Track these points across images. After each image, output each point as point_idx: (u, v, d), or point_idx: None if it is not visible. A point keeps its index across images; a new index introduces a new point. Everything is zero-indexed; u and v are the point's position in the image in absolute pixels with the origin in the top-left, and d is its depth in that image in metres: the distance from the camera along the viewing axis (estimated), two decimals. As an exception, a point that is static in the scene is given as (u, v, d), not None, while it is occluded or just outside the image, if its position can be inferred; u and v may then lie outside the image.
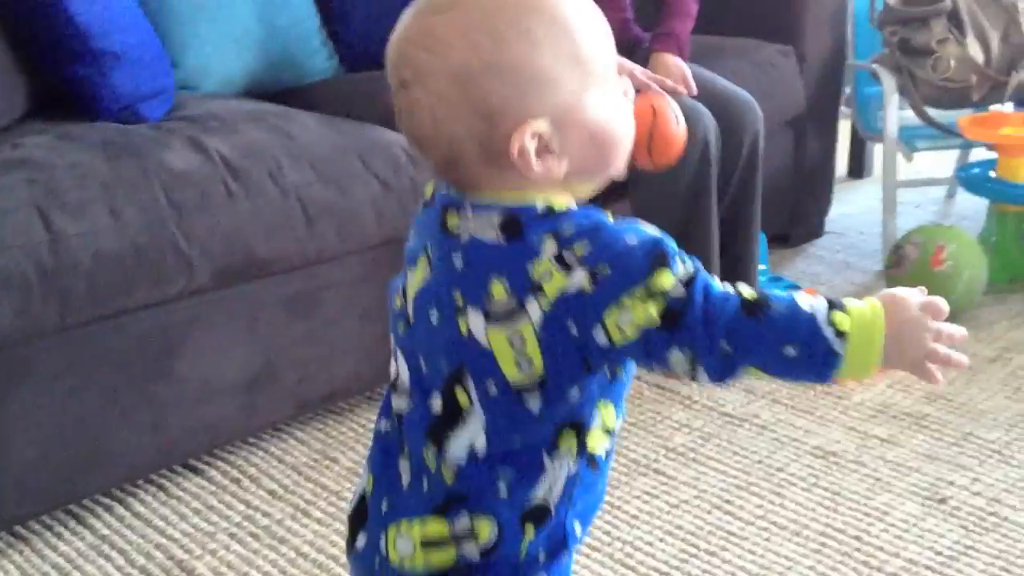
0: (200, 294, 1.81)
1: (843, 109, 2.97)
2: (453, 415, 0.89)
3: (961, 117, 2.62)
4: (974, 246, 2.43)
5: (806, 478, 1.89)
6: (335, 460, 1.98)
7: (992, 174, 2.59)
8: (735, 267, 2.21)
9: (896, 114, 2.64)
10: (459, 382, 0.88)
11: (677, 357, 0.83)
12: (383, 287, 1.96)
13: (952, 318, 0.86)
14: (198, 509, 1.84)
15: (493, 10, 0.84)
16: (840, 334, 0.82)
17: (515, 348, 0.85)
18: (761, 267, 2.47)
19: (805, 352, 0.82)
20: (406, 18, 0.87)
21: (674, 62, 2.25)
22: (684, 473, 1.91)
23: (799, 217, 2.84)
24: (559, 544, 0.92)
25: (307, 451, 2.01)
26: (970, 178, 2.64)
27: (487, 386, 0.87)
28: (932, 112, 2.67)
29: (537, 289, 0.83)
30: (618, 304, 0.82)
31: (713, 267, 2.16)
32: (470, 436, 0.89)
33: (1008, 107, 2.81)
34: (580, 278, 0.82)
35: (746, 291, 0.84)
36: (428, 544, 0.90)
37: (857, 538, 1.73)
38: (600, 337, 0.83)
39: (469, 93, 0.84)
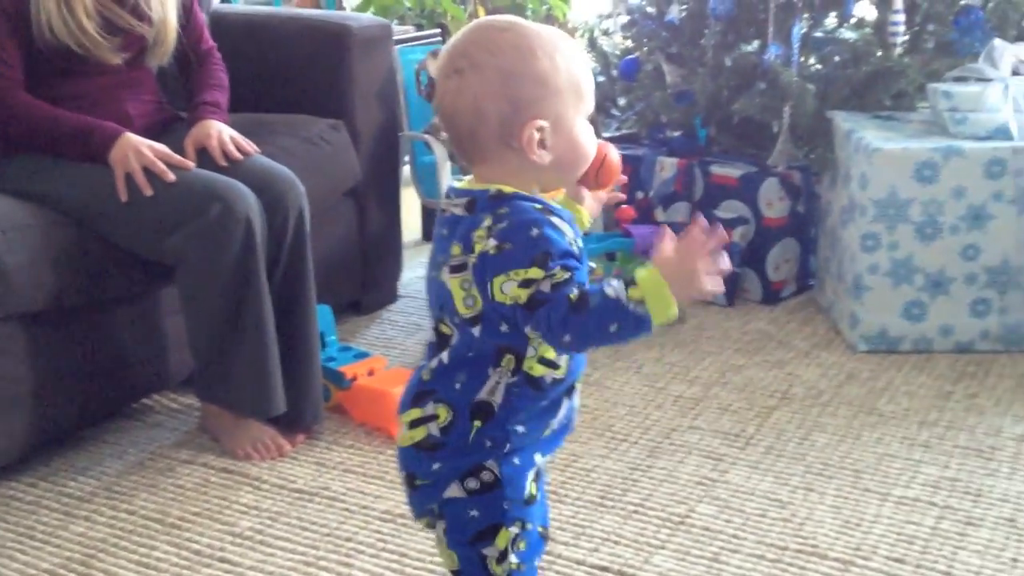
0: None
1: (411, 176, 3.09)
2: (443, 340, 1.27)
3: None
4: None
5: (374, 544, 1.91)
6: None
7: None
8: (295, 342, 2.20)
9: (449, 180, 2.76)
10: (442, 319, 1.26)
11: (532, 334, 1.19)
12: None
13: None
14: None
15: (535, 38, 1.22)
16: (640, 302, 1.14)
17: (464, 290, 1.21)
18: (331, 338, 2.49)
19: (623, 325, 1.14)
20: (473, 27, 1.23)
21: (221, 127, 2.25)
22: (250, 558, 1.88)
23: (370, 284, 2.89)
24: (502, 438, 1.25)
25: None
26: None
27: (453, 318, 1.24)
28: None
29: (472, 249, 1.19)
30: (505, 274, 1.16)
31: (270, 345, 2.15)
32: (443, 352, 1.26)
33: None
34: (491, 245, 1.18)
35: (573, 293, 1.14)
36: (411, 424, 1.28)
37: (421, 597, 1.77)
38: (489, 292, 1.18)
39: (508, 86, 1.20)
